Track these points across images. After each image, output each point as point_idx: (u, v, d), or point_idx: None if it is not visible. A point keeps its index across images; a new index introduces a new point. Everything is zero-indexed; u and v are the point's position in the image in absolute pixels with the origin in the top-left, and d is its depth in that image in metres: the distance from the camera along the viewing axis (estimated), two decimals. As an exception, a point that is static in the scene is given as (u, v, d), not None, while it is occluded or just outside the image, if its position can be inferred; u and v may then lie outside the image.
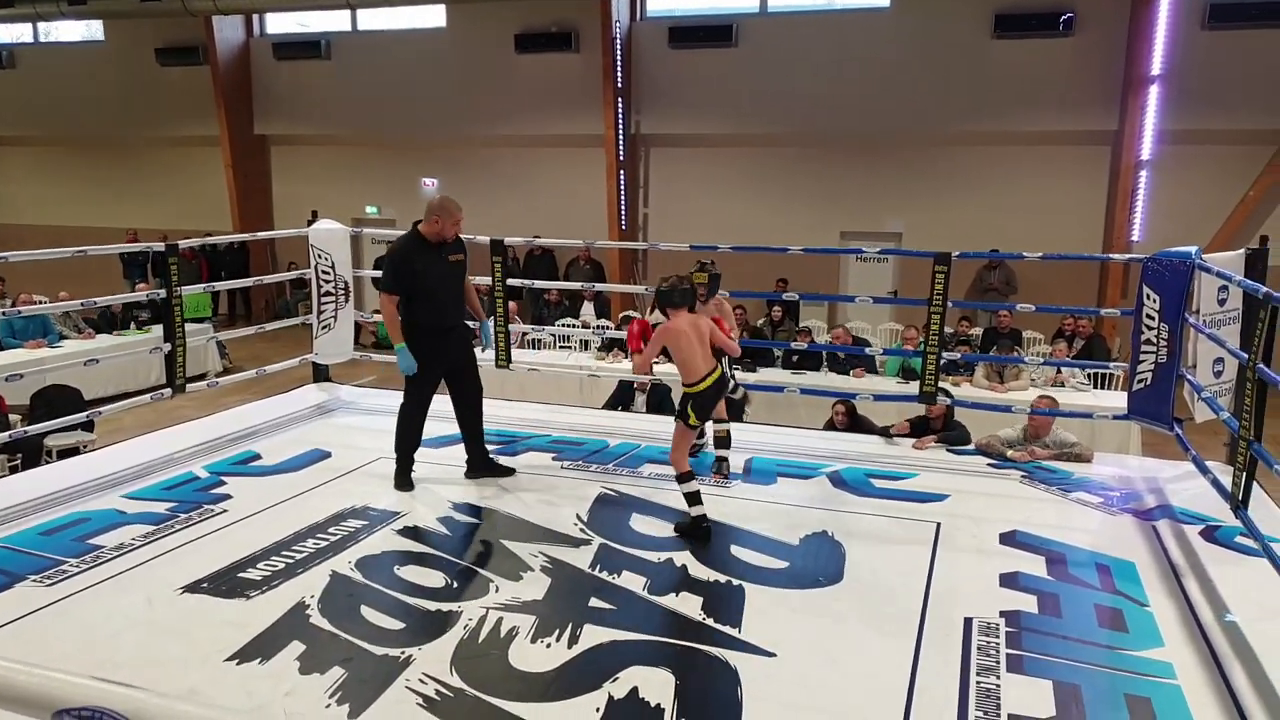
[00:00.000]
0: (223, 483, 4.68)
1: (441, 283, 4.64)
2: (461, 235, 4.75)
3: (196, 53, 15.55)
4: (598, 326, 11.10)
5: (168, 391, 5.54)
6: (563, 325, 10.90)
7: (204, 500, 4.41)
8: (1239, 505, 3.96)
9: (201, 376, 9.01)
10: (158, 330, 6.03)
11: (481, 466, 4.85)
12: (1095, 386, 8.67)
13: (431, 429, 5.58)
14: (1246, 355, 3.87)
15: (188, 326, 5.84)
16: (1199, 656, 3.10)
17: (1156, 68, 11.20)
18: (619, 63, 13.38)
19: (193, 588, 3.47)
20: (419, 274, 4.54)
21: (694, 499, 4.13)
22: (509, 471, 4.87)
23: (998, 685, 2.89)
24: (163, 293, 5.47)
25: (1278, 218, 11.40)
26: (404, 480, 4.67)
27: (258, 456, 5.16)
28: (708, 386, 4.17)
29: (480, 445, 4.88)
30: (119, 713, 2.61)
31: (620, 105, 13.52)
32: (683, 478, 4.17)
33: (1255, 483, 4.12)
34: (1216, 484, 4.31)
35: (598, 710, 2.72)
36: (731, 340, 4.54)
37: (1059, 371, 8.50)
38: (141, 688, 2.74)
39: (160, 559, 3.73)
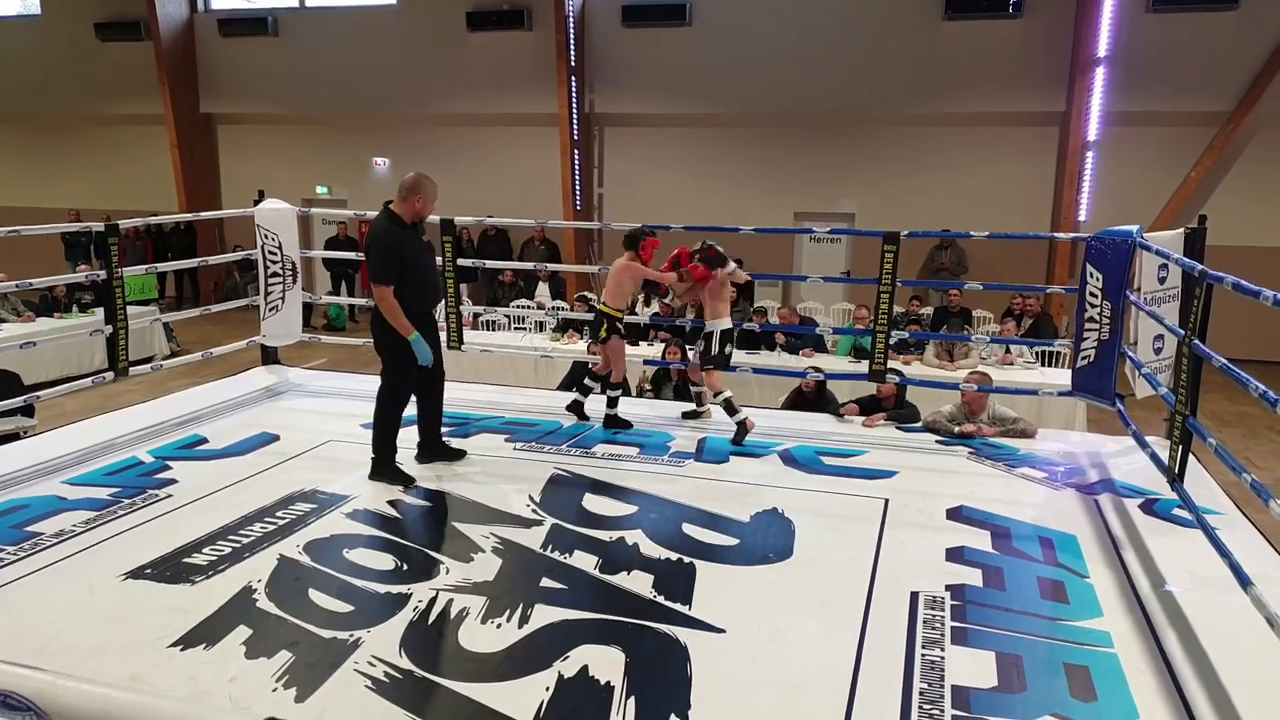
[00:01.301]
0: (168, 467, 4.60)
1: (424, 265, 4.50)
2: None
3: (138, 28, 15.16)
4: (553, 307, 11.06)
5: (110, 375, 5.42)
6: (517, 306, 10.84)
7: (148, 485, 4.33)
8: (1175, 478, 4.07)
9: (147, 360, 8.83)
10: (101, 313, 5.88)
11: (434, 451, 4.78)
12: (1043, 364, 8.83)
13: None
14: (1184, 332, 3.96)
15: (132, 309, 5.72)
16: (1135, 625, 3.18)
17: (1103, 49, 11.40)
18: (572, 41, 13.29)
19: (136, 574, 3.40)
20: (406, 259, 4.36)
21: (616, 402, 5.44)
22: (460, 454, 4.82)
23: (942, 657, 2.94)
24: (103, 274, 5.34)
25: (1219, 198, 11.69)
26: (395, 472, 4.46)
27: (204, 440, 5.07)
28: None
29: (437, 429, 4.81)
30: (22, 696, 2.56)
31: (574, 84, 13.43)
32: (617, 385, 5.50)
33: (1192, 456, 4.25)
34: (1155, 458, 4.42)
35: (548, 689, 2.73)
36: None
37: (1007, 349, 8.64)
38: (46, 670, 2.69)
39: (102, 545, 3.65)
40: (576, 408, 5.64)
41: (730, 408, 5.30)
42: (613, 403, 5.46)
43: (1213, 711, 2.67)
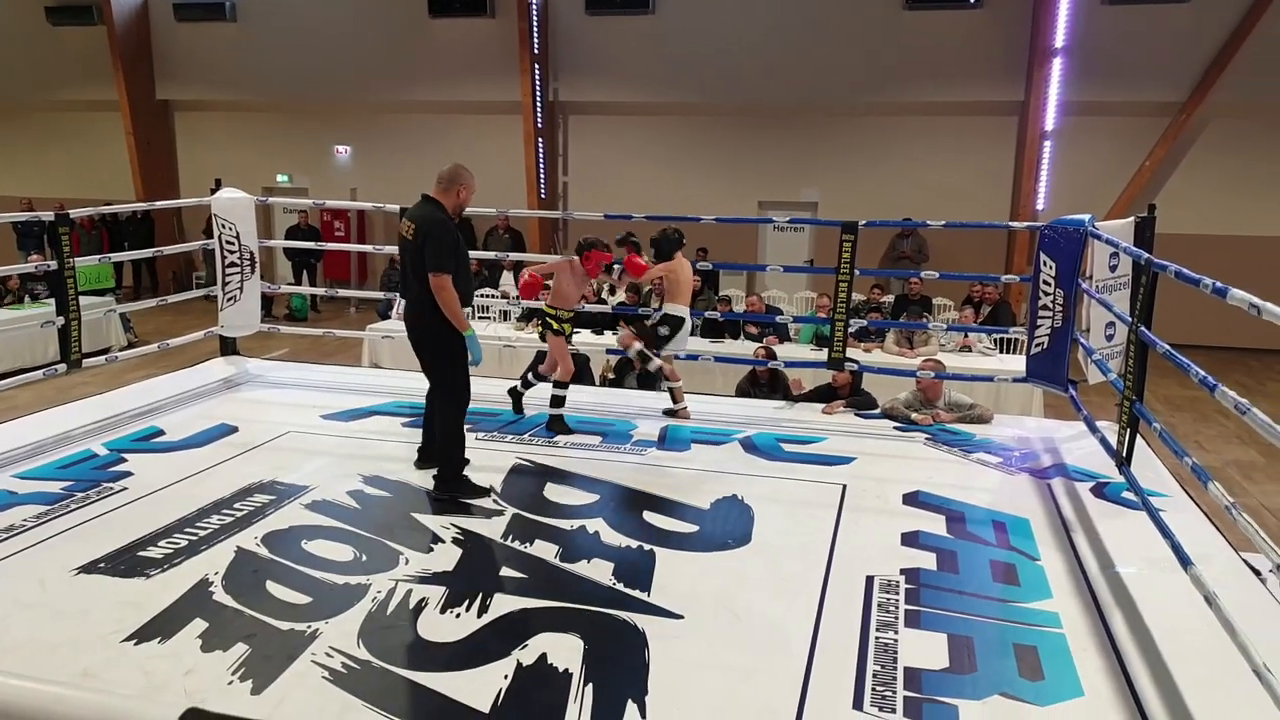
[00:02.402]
0: (123, 460, 4.54)
1: (467, 257, 4.35)
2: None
3: (90, 12, 14.85)
4: (517, 296, 11.01)
5: (62, 367, 5.34)
6: (481, 295, 10.78)
7: (103, 478, 4.27)
8: (1123, 462, 4.16)
9: (103, 351, 8.69)
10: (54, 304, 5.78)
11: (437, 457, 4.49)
12: (1001, 351, 8.95)
13: (346, 401, 5.54)
14: (1131, 319, 4.05)
15: (87, 300, 5.63)
16: (1083, 606, 3.26)
17: (1060, 40, 11.55)
18: (535, 28, 13.21)
19: (89, 568, 3.36)
20: (458, 250, 4.20)
21: (560, 401, 5.21)
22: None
23: (895, 640, 3.00)
24: (53, 264, 5.25)
25: (1173, 186, 11.91)
26: (472, 485, 4.24)
27: (161, 432, 5.01)
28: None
29: None
30: None
31: (537, 72, 13.36)
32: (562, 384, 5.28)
33: (1143, 440, 4.34)
34: (1105, 443, 4.52)
35: (506, 677, 2.74)
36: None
37: (966, 337, 8.75)
38: None
39: (54, 540, 3.60)
40: (514, 396, 5.50)
41: (674, 396, 5.56)
42: (556, 402, 5.23)
43: (1153, 686, 2.75)
